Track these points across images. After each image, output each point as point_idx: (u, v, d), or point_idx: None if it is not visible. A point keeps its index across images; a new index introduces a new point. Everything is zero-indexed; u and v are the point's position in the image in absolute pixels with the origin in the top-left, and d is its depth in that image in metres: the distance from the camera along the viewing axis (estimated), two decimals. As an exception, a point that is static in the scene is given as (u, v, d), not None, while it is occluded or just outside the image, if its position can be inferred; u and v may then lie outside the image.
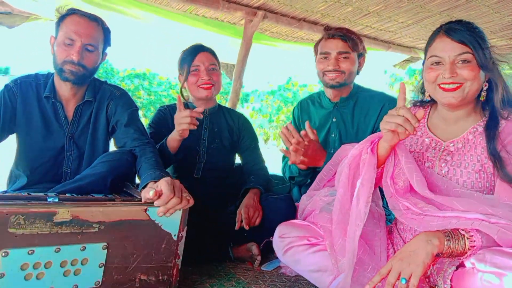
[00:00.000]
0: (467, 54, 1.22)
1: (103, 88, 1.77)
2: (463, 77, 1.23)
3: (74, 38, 1.57)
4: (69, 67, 1.58)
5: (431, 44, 1.32)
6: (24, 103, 1.65)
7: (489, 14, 3.24)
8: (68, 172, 1.70)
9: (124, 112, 1.71)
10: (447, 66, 1.24)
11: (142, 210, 1.26)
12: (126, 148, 1.62)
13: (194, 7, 3.25)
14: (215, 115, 2.08)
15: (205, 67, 1.94)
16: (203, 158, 2.00)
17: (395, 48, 4.28)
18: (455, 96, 1.24)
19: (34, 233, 1.09)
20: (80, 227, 1.16)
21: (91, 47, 1.61)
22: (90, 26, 1.61)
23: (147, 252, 1.28)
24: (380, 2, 3.09)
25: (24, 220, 1.07)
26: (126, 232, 1.23)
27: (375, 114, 1.98)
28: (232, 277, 1.63)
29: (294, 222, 1.58)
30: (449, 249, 1.04)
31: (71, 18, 1.59)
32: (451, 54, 1.24)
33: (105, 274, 1.21)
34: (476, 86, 1.24)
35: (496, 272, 0.97)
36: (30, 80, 1.69)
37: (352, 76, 1.98)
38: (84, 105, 1.71)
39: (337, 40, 1.93)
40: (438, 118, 1.39)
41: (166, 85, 17.71)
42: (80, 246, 1.16)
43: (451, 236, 1.05)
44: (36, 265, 1.10)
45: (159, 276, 1.31)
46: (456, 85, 1.23)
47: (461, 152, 1.28)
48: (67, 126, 1.69)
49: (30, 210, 1.09)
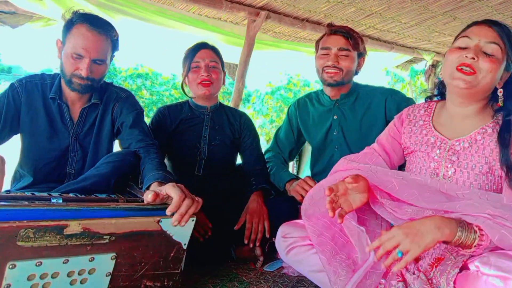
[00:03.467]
0: (495, 45, 1.21)
1: (109, 90, 1.77)
2: (481, 66, 1.21)
3: (83, 54, 1.56)
4: (77, 80, 1.59)
5: (466, 30, 1.29)
6: (29, 103, 1.65)
7: (492, 15, 3.24)
8: (71, 173, 1.71)
9: (129, 114, 1.72)
10: (472, 48, 1.22)
11: (155, 221, 1.22)
12: (131, 149, 1.63)
13: (197, 7, 3.25)
14: (216, 113, 2.08)
15: (205, 63, 1.93)
16: (204, 155, 2.00)
17: (398, 48, 4.28)
18: (466, 79, 1.21)
19: (43, 245, 1.06)
20: (90, 238, 1.12)
21: (99, 61, 1.61)
22: (99, 41, 1.59)
23: (155, 260, 1.25)
24: (383, 2, 3.09)
25: (33, 234, 1.04)
26: (136, 243, 1.20)
27: (382, 107, 1.99)
28: (235, 277, 1.63)
29: (297, 222, 1.58)
30: (460, 240, 1.02)
31: (79, 30, 1.56)
32: (482, 39, 1.23)
33: (111, 282, 1.19)
34: (489, 81, 1.22)
35: (500, 276, 0.97)
36: (36, 80, 1.69)
37: (350, 75, 1.99)
38: (90, 107, 1.72)
39: (339, 37, 1.94)
40: (444, 115, 1.37)
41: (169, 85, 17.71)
42: (89, 257, 1.13)
43: (464, 228, 1.02)
44: (42, 276, 1.08)
45: (165, 282, 1.30)
46: (471, 70, 1.21)
47: (467, 152, 1.27)
48: (72, 127, 1.69)
49: (41, 224, 1.04)
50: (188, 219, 1.23)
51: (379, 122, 1.98)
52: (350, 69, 1.95)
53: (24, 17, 3.33)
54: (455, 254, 1.15)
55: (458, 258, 1.11)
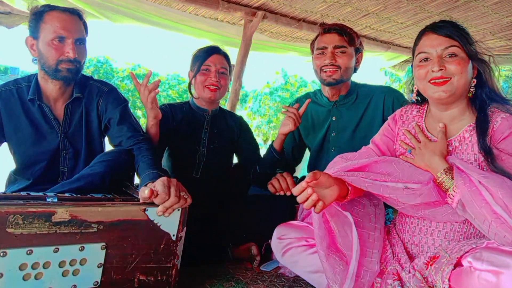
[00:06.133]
0: (454, 47, 1.25)
1: (89, 84, 1.73)
2: (451, 71, 1.25)
3: (65, 35, 1.52)
4: (65, 65, 1.54)
5: (418, 43, 1.34)
6: (8, 112, 1.60)
7: (488, 15, 3.25)
8: (64, 172, 1.69)
9: (115, 109, 1.69)
10: (435, 60, 1.27)
11: (141, 210, 1.26)
12: (123, 147, 1.61)
13: (194, 7, 3.25)
14: (216, 116, 2.08)
15: (216, 69, 1.94)
16: (202, 158, 2.01)
17: (395, 48, 4.29)
18: (444, 90, 1.26)
19: (32, 233, 1.09)
20: (78, 227, 1.15)
21: (81, 41, 1.58)
22: (75, 20, 1.57)
23: (146, 252, 1.28)
24: (380, 2, 3.09)
25: (22, 220, 1.07)
26: (125, 232, 1.23)
27: (380, 106, 1.98)
28: (231, 277, 1.63)
29: (292, 223, 1.59)
30: (438, 179, 1.22)
31: (52, 15, 1.53)
32: (438, 48, 1.27)
33: (103, 274, 1.21)
34: (464, 80, 1.25)
35: (493, 271, 0.97)
36: (9, 87, 1.63)
37: (349, 72, 1.96)
38: (73, 103, 1.68)
39: (333, 35, 1.93)
40: (433, 119, 1.39)
41: (166, 85, 17.69)
42: (79, 246, 1.16)
43: (447, 174, 1.21)
44: (34, 265, 1.10)
45: (158, 276, 1.31)
46: (445, 79, 1.25)
47: (458, 151, 1.29)
48: (59, 127, 1.66)
49: (29, 210, 1.08)
50: (172, 212, 1.29)
51: (377, 121, 1.97)
52: (348, 66, 1.93)
53: (20, 17, 3.31)
54: (449, 252, 1.16)
55: (453, 256, 1.12)
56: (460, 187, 1.13)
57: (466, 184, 1.12)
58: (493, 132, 1.21)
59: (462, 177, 1.14)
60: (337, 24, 1.98)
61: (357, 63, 2.02)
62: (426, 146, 1.30)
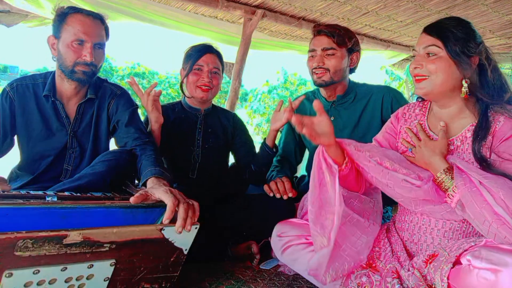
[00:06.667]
0: (433, 47, 1.26)
1: (104, 86, 1.77)
2: (428, 69, 1.27)
3: (85, 38, 1.56)
4: (81, 68, 1.58)
5: None
6: (22, 106, 1.65)
7: (487, 13, 3.24)
8: (68, 170, 1.71)
9: (124, 112, 1.72)
10: (416, 58, 1.30)
11: (157, 229, 1.17)
12: (127, 148, 1.62)
13: (193, 5, 3.25)
14: (209, 116, 2.08)
15: (209, 69, 1.93)
16: (198, 158, 2.00)
17: (394, 47, 4.28)
18: (421, 87, 1.29)
19: (41, 254, 1.02)
20: (90, 247, 1.08)
21: (99, 46, 1.62)
22: (97, 25, 1.61)
23: (154, 265, 1.23)
24: (379, 1, 3.09)
25: (32, 244, 1.00)
26: (137, 249, 1.17)
27: (378, 106, 1.98)
28: (231, 275, 1.63)
29: (292, 221, 1.59)
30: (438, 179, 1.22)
31: (75, 18, 1.57)
32: (421, 46, 1.30)
33: (109, 286, 1.17)
34: (441, 80, 1.26)
35: (491, 269, 0.98)
36: (26, 81, 1.67)
37: (340, 73, 1.95)
38: (86, 103, 1.72)
39: (322, 37, 1.94)
40: (435, 117, 1.39)
41: (165, 84, 17.66)
42: (88, 264, 1.10)
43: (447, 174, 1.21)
44: (40, 283, 1.05)
45: (163, 284, 1.28)
46: (421, 77, 1.28)
47: (460, 150, 1.29)
48: (69, 125, 1.69)
49: (40, 234, 1.00)
50: (192, 223, 1.19)
51: (376, 121, 1.97)
52: (338, 67, 1.93)
53: (19, 16, 3.31)
54: (448, 250, 1.16)
55: (452, 254, 1.13)
56: (460, 187, 1.13)
57: (466, 184, 1.12)
58: (495, 132, 1.22)
59: (462, 177, 1.14)
60: (328, 25, 1.97)
61: (352, 63, 2.01)
62: (426, 144, 1.30)
